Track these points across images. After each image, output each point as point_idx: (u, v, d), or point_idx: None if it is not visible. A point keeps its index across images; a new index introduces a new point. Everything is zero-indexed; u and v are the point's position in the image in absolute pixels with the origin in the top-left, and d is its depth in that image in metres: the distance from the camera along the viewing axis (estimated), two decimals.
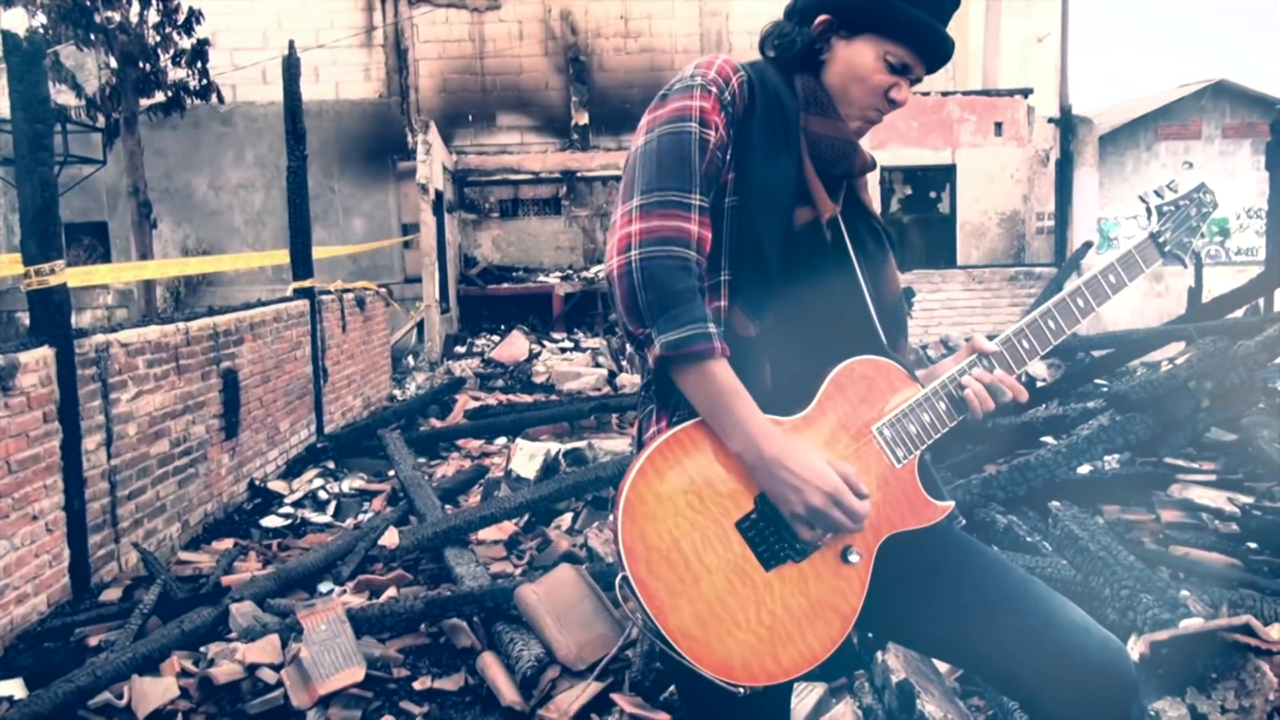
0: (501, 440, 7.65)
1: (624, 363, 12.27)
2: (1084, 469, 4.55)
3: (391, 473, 6.42)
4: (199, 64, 11.83)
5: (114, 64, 11.65)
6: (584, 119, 16.79)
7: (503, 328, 14.93)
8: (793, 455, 1.36)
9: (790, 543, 1.38)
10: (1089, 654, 1.44)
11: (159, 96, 11.82)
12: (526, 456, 6.07)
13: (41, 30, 10.83)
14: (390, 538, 4.86)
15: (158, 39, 11.63)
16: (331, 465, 6.96)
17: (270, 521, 5.67)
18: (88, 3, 10.94)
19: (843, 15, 1.48)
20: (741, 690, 1.34)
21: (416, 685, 3.33)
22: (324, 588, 4.37)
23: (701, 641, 1.32)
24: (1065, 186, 14.35)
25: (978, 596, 1.50)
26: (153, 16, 11.62)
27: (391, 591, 4.17)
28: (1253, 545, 3.66)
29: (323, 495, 6.13)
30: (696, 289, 1.38)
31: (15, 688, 3.42)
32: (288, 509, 5.89)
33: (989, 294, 13.26)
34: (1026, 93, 14.27)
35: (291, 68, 7.73)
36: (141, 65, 11.50)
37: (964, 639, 1.50)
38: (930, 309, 13.09)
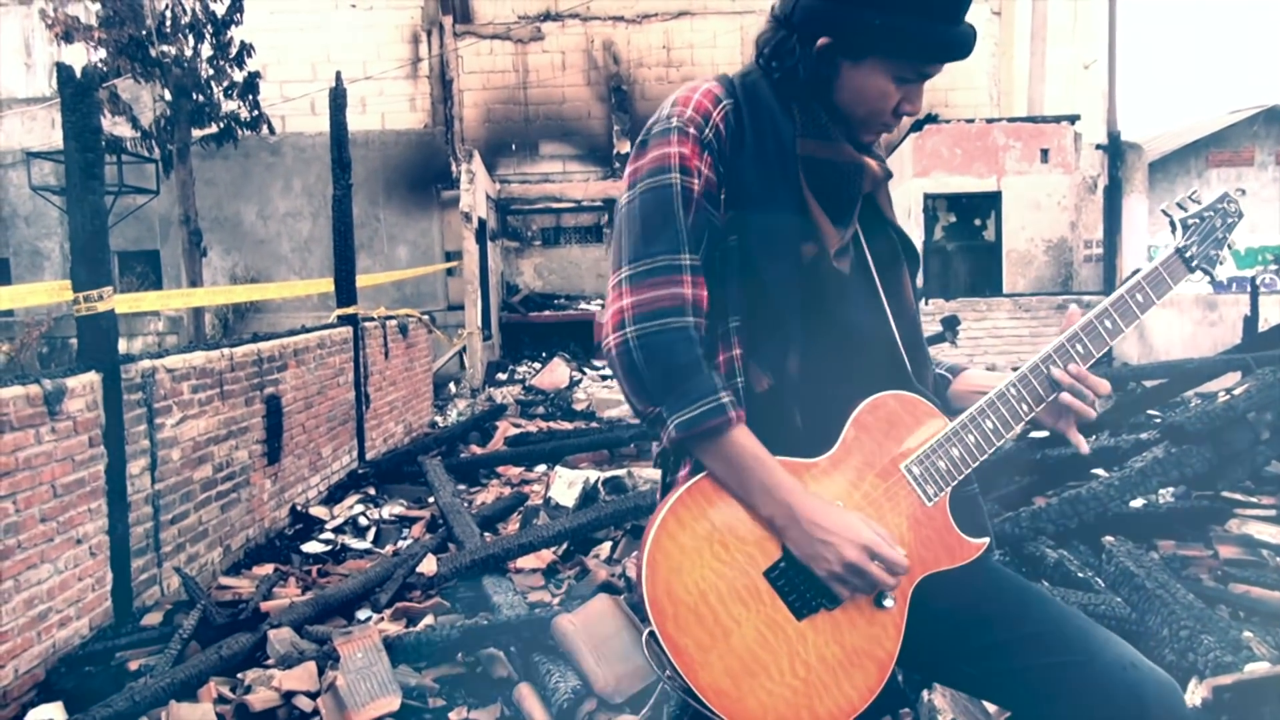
0: (541, 467, 7.63)
1: None
2: (1137, 502, 4.42)
3: (431, 499, 6.42)
4: (250, 96, 12.14)
5: (169, 96, 11.98)
6: (626, 148, 16.89)
7: (544, 355, 14.99)
8: (824, 513, 1.31)
9: (822, 589, 1.33)
10: (1135, 691, 1.35)
11: (211, 128, 12.13)
12: (566, 484, 6.04)
13: (100, 65, 11.15)
14: (428, 565, 4.84)
15: (211, 72, 11.95)
16: (372, 491, 6.98)
17: (311, 547, 5.68)
18: (144, 37, 11.27)
19: (846, 39, 1.36)
20: None
21: (452, 715, 3.29)
22: (362, 615, 4.37)
23: (735, 698, 1.27)
24: (1114, 214, 14.11)
25: (1016, 632, 1.41)
26: (206, 50, 11.94)
27: (429, 619, 4.15)
28: None
29: (363, 521, 6.15)
30: (701, 357, 1.33)
31: (56, 711, 3.43)
32: (328, 535, 5.91)
33: (1036, 322, 13.04)
34: (1073, 119, 14.09)
35: (338, 99, 7.85)
36: (195, 97, 11.82)
37: (1003, 677, 1.42)
38: (975, 337, 12.90)
